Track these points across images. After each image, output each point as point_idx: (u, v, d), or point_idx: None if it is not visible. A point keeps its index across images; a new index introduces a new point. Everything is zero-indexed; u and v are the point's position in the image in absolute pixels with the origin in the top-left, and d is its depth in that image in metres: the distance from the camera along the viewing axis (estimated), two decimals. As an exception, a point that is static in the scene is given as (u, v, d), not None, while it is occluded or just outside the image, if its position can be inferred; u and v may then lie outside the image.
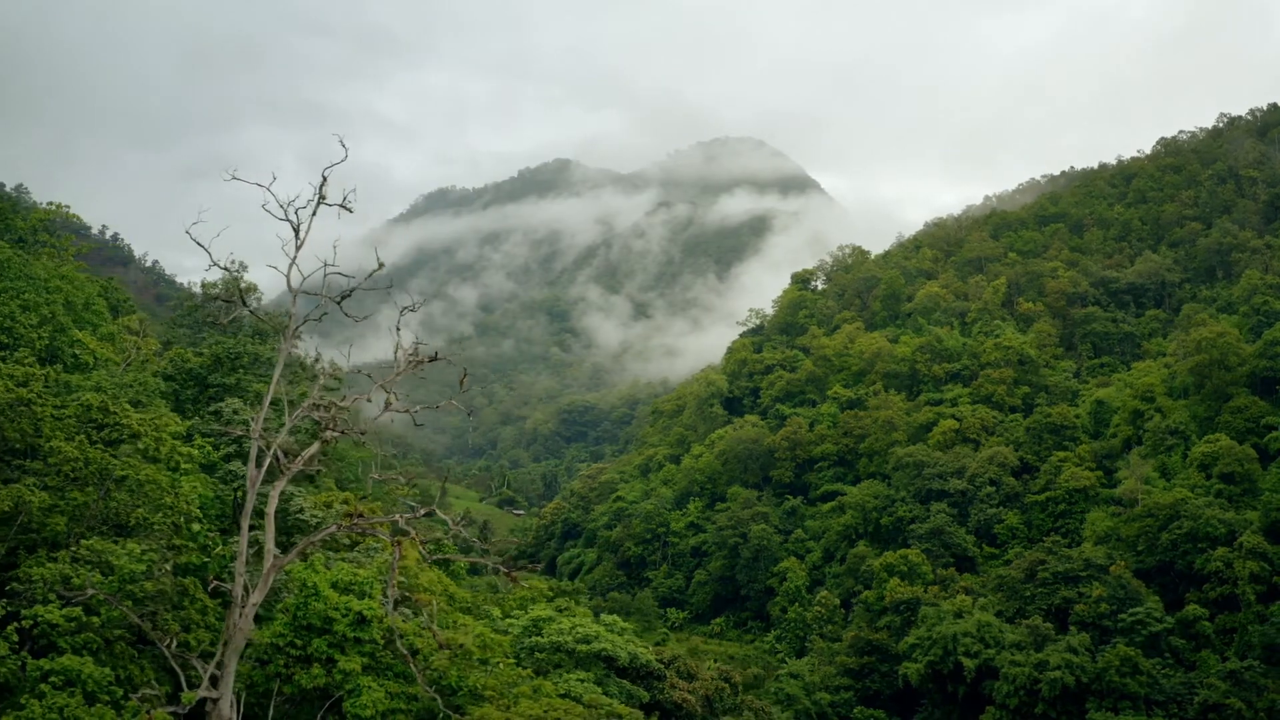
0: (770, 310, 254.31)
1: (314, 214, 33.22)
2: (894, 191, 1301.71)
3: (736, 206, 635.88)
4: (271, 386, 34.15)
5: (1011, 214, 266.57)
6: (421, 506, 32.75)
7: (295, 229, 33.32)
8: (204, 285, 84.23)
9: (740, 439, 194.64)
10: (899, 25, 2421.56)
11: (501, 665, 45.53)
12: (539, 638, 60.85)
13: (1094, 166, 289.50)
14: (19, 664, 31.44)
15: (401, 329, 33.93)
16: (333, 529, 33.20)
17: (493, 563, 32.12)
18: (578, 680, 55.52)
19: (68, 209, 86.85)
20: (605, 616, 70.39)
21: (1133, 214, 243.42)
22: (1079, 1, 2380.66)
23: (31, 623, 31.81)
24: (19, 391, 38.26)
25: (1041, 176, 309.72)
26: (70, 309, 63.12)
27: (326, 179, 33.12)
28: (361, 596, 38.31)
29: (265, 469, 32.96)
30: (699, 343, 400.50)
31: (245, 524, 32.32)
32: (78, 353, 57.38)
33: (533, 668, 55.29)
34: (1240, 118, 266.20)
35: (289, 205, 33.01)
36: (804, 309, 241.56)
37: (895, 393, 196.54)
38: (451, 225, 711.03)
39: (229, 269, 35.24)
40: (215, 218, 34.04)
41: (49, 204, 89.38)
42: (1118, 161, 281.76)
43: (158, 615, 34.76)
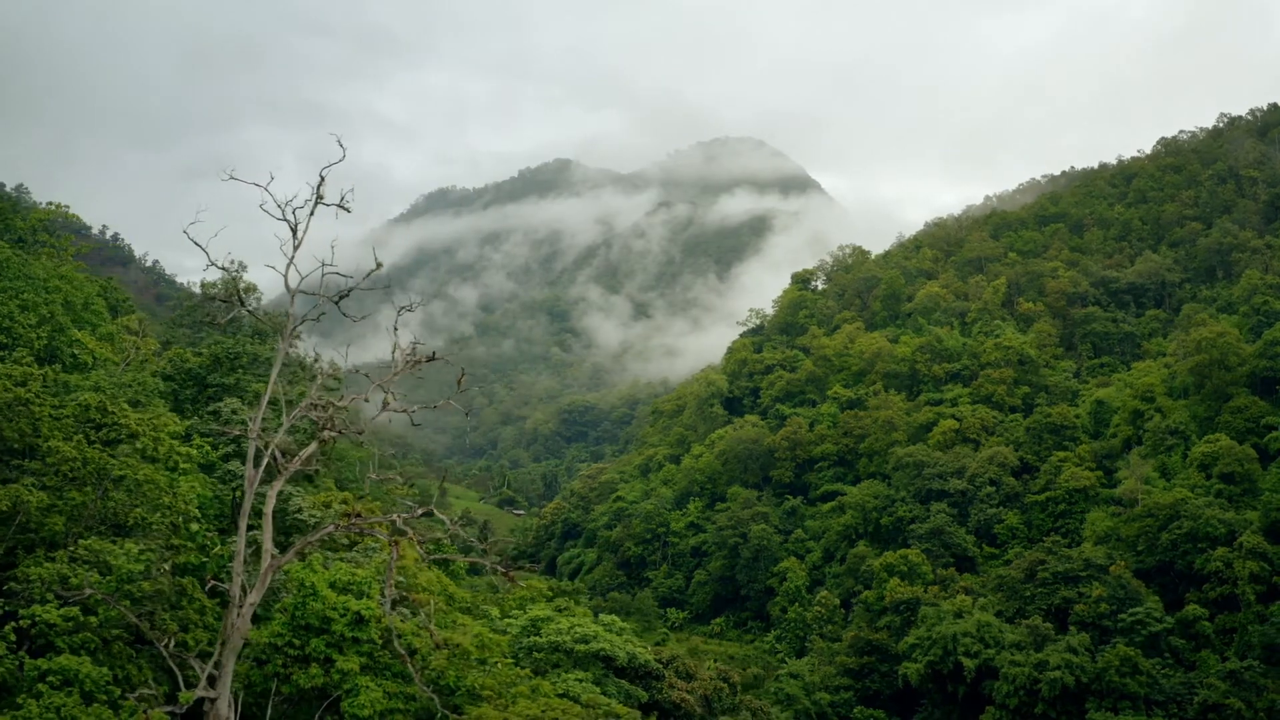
0: (770, 310, 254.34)
1: (311, 214, 33.18)
2: (894, 191, 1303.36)
3: (737, 206, 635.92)
4: (269, 386, 34.12)
5: (1011, 214, 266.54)
6: (419, 506, 32.71)
7: (293, 229, 33.26)
8: (203, 285, 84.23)
9: (740, 439, 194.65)
10: (899, 25, 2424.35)
11: (499, 665, 45.54)
12: (537, 637, 60.78)
13: (1094, 166, 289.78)
14: (17, 663, 31.45)
15: (400, 329, 33.88)
16: (330, 529, 33.16)
17: (491, 563, 32.08)
18: (576, 680, 55.48)
19: (67, 209, 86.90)
20: (604, 616, 70.34)
21: (1133, 214, 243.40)
22: (1079, 1, 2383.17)
23: (29, 622, 31.82)
24: (17, 391, 38.25)
25: (1042, 176, 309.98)
26: (69, 309, 63.13)
27: (324, 179, 33.08)
28: (360, 596, 38.28)
29: (263, 469, 32.95)
30: (699, 343, 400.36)
31: (243, 524, 32.29)
32: (76, 352, 57.40)
33: (531, 667, 55.25)
34: (1240, 118, 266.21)
35: (286, 205, 32.99)
36: (804, 309, 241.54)
37: (895, 393, 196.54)
38: (452, 225, 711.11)
39: (226, 269, 35.07)
40: (215, 218, 33.99)
41: (48, 204, 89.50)
42: (1118, 161, 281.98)
43: (155, 615, 34.76)
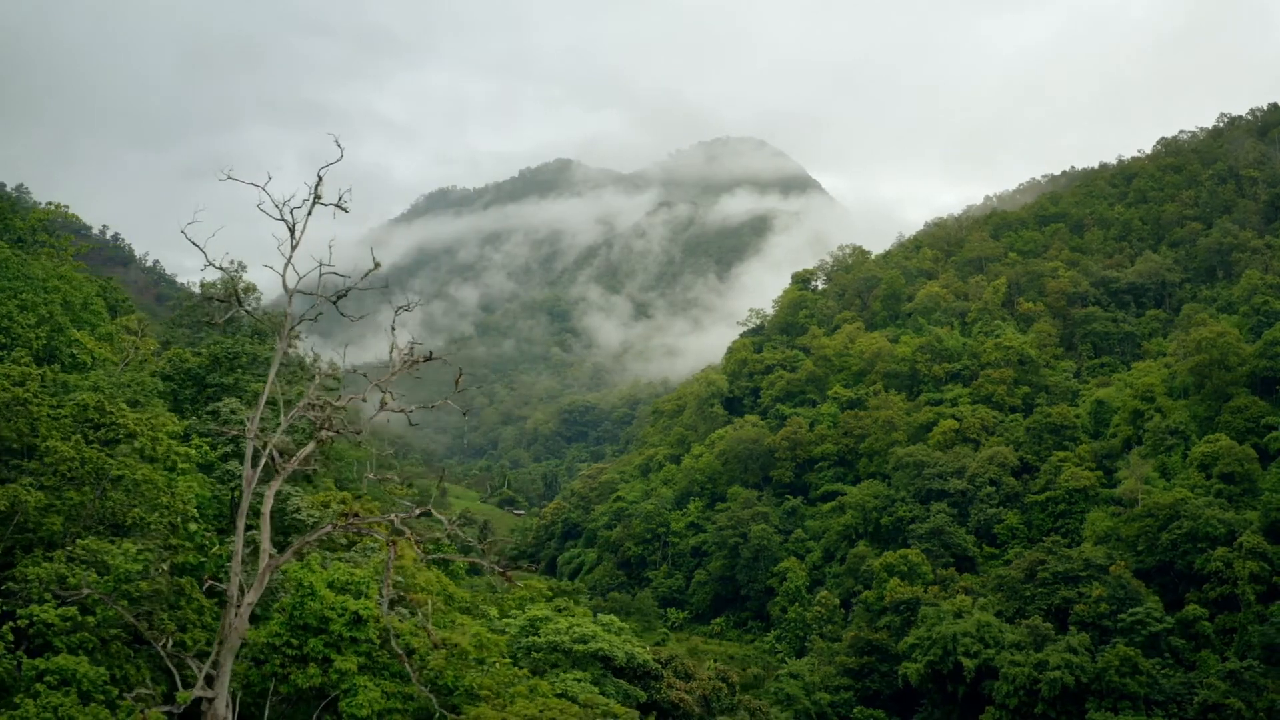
0: (771, 310, 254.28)
1: (309, 214, 33.22)
2: (894, 191, 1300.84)
3: (737, 206, 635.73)
4: (267, 386, 34.17)
5: (1012, 214, 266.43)
6: (417, 506, 32.73)
7: (291, 229, 33.31)
8: (202, 285, 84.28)
9: (740, 439, 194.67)
10: (899, 25, 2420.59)
11: (498, 665, 45.52)
12: (536, 637, 60.77)
13: (1094, 166, 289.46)
14: (14, 663, 31.50)
15: (399, 329, 33.92)
16: (328, 529, 33.19)
17: (488, 563, 32.09)
18: (574, 680, 55.46)
19: (66, 209, 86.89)
20: (603, 616, 70.31)
21: (1133, 214, 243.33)
22: (1079, 1, 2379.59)
23: (27, 622, 31.86)
24: (15, 391, 38.28)
25: (1042, 176, 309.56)
26: (68, 309, 63.15)
27: (322, 179, 33.11)
28: (358, 596, 38.26)
29: (262, 469, 32.97)
30: (700, 343, 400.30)
31: (241, 524, 32.33)
32: (75, 352, 57.41)
33: (529, 667, 55.24)
34: (1241, 118, 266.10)
35: (284, 205, 33.02)
36: (804, 309, 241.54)
37: (895, 393, 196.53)
38: (452, 225, 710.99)
39: (223, 269, 35.07)
40: (216, 218, 34.03)
41: (48, 204, 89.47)
42: (1118, 161, 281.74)
43: (154, 615, 34.79)
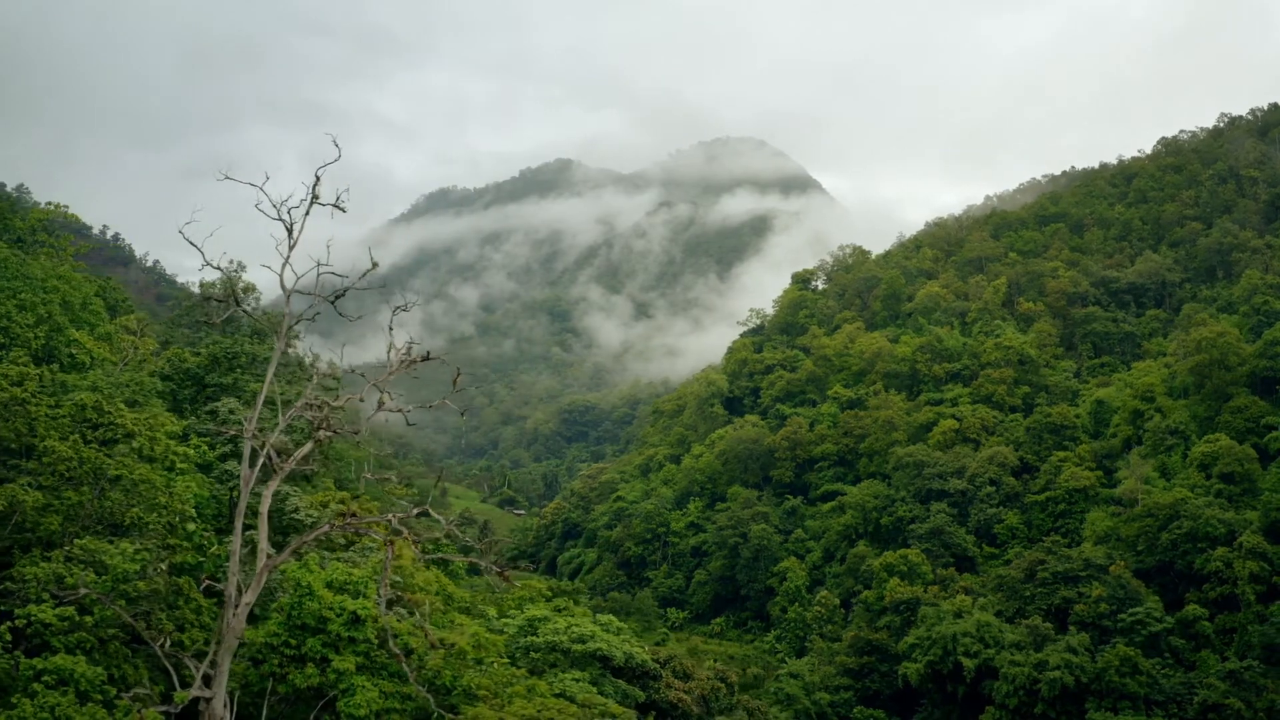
0: (771, 310, 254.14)
1: (307, 214, 33.26)
2: (895, 191, 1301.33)
3: (737, 206, 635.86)
4: (264, 386, 34.19)
5: (1012, 214, 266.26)
6: (415, 506, 32.74)
7: (288, 229, 33.35)
8: (201, 285, 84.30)
9: (740, 439, 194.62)
10: (899, 25, 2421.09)
11: (496, 665, 45.51)
12: (534, 637, 60.73)
13: (1094, 166, 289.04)
14: (12, 663, 31.50)
15: (396, 329, 33.94)
16: (325, 528, 33.20)
17: (485, 563, 32.10)
18: (573, 680, 55.42)
19: (66, 209, 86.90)
20: (601, 616, 70.23)
21: (1133, 214, 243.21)
22: (1079, 1, 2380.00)
23: (25, 622, 31.87)
24: (13, 391, 38.31)
25: (1042, 176, 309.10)
26: (67, 309, 63.15)
27: (319, 179, 33.16)
28: (356, 596, 38.27)
29: (259, 468, 32.99)
30: (700, 343, 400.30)
31: (239, 523, 32.36)
32: (74, 352, 57.43)
33: (528, 667, 55.23)
34: (1241, 117, 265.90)
35: (281, 205, 33.05)
36: (804, 309, 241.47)
37: (895, 393, 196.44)
38: (452, 225, 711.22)
39: (221, 269, 35.08)
40: (216, 218, 34.08)
41: (48, 204, 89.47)
42: (1118, 161, 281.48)
43: (151, 615, 34.78)
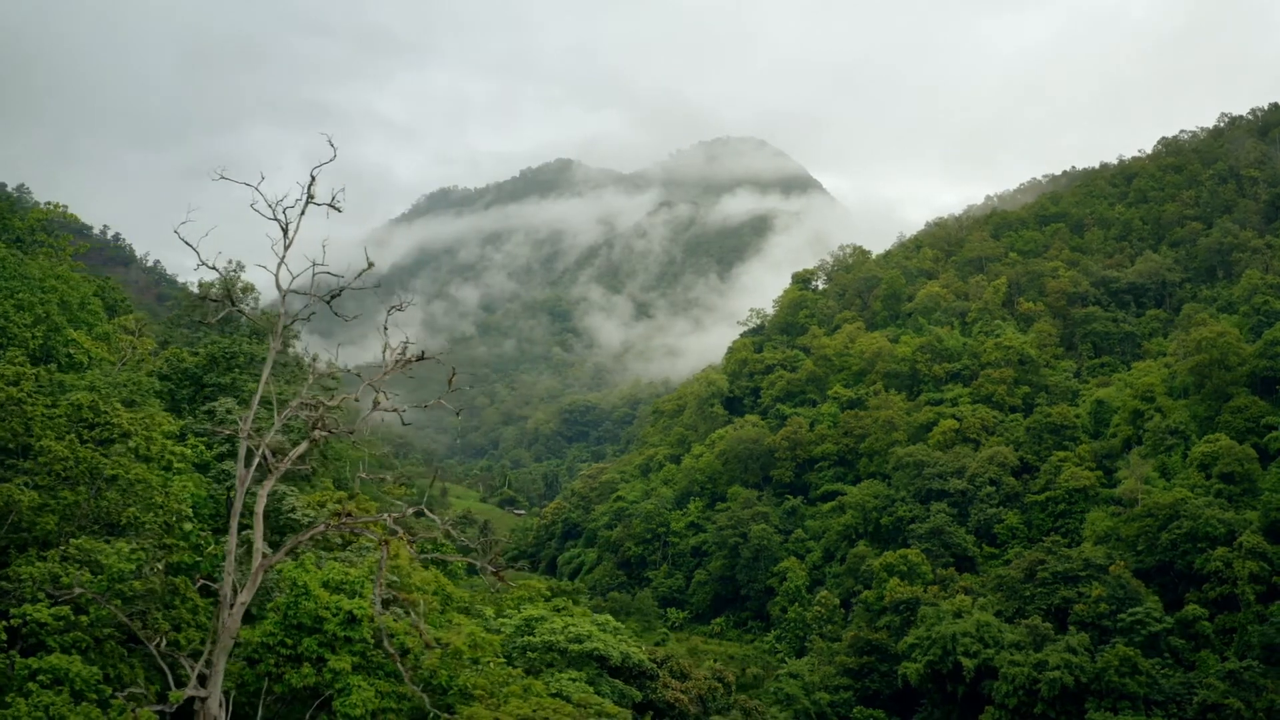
0: (771, 310, 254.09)
1: (302, 213, 33.22)
2: (895, 191, 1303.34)
3: (738, 206, 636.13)
4: (260, 385, 34.18)
5: (1012, 214, 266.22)
6: (410, 506, 32.71)
7: (284, 229, 33.34)
8: (200, 285, 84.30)
9: (741, 439, 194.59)
10: (899, 25, 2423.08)
11: (492, 665, 45.48)
12: (531, 637, 60.74)
13: (1095, 166, 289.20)
14: (7, 663, 31.47)
15: (395, 328, 33.95)
16: (321, 528, 33.18)
17: (481, 563, 32.09)
18: (569, 680, 55.39)
19: (65, 209, 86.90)
20: (598, 616, 70.26)
21: (1133, 214, 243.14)
22: (1079, 1, 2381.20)
23: (20, 621, 31.84)
24: (10, 390, 38.28)
25: (1042, 176, 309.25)
26: (65, 308, 63.15)
27: (315, 178, 33.15)
28: (352, 595, 38.24)
29: (256, 468, 32.97)
30: (700, 342, 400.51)
31: (234, 523, 32.33)
32: (72, 352, 57.43)
33: (525, 667, 55.22)
34: (1241, 117, 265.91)
35: (277, 205, 33.04)
36: (804, 309, 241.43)
37: (895, 393, 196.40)
38: (453, 225, 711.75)
39: (217, 269, 35.07)
40: (216, 218, 34.11)
41: (47, 204, 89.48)
42: (1118, 161, 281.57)
43: (148, 614, 34.75)
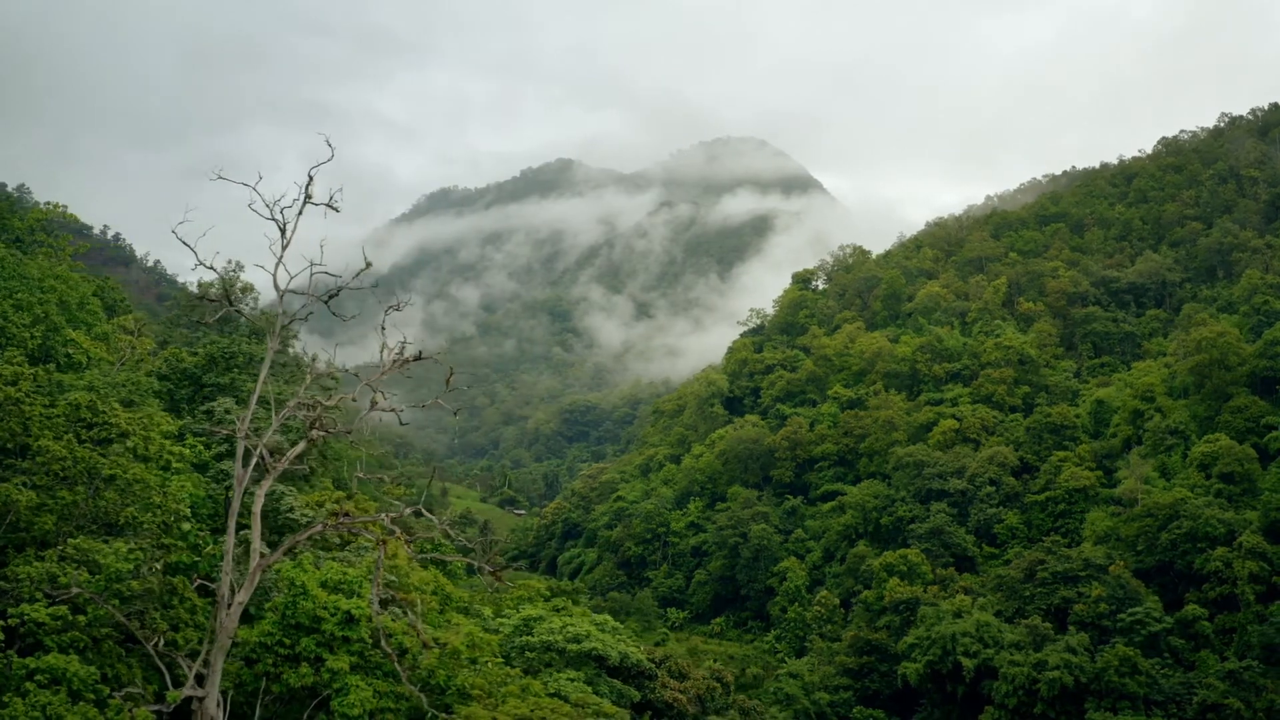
0: (771, 310, 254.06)
1: (300, 213, 33.23)
2: (895, 191, 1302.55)
3: (738, 206, 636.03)
4: (258, 385, 34.19)
5: (1012, 214, 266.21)
6: (407, 506, 32.73)
7: (281, 229, 33.36)
8: (200, 285, 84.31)
9: (741, 439, 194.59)
10: (899, 25, 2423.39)
11: (490, 664, 45.49)
12: (529, 637, 60.74)
13: (1095, 166, 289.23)
14: (5, 662, 31.47)
15: (397, 328, 33.98)
16: (319, 528, 33.20)
17: (478, 563, 32.10)
18: (568, 680, 55.37)
19: (64, 209, 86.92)
20: (597, 616, 70.26)
21: (1133, 214, 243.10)
22: (1079, 1, 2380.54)
23: (18, 621, 31.85)
24: (8, 390, 38.27)
25: (1042, 176, 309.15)
26: (64, 308, 63.15)
27: (312, 178, 33.17)
28: (350, 595, 38.25)
29: (254, 468, 32.98)
30: (701, 342, 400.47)
31: (232, 523, 32.36)
32: (71, 352, 57.43)
33: (523, 667, 55.20)
34: (1241, 117, 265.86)
35: (275, 205, 33.05)
36: (805, 309, 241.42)
37: (895, 393, 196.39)
38: (454, 225, 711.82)
39: (215, 269, 35.07)
40: (216, 218, 34.13)
41: (46, 204, 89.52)
42: (1119, 161, 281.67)
43: (145, 614, 34.75)
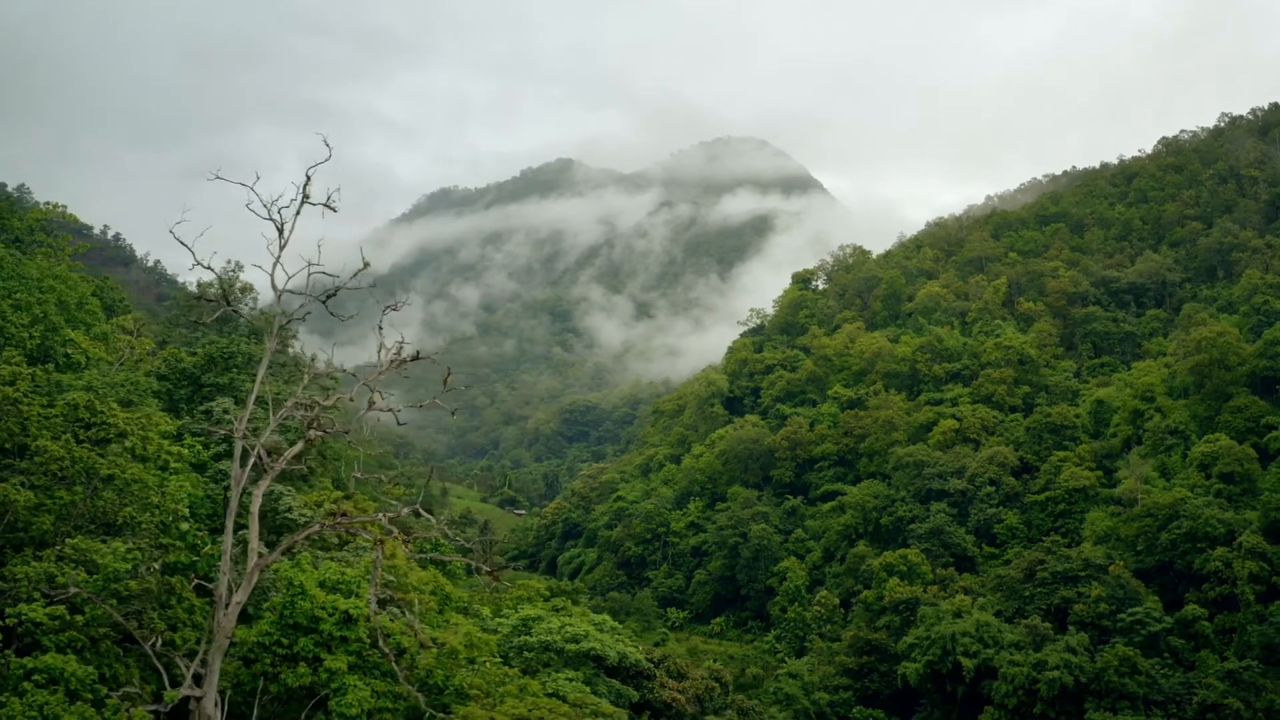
0: (771, 310, 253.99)
1: (297, 214, 33.24)
2: (895, 191, 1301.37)
3: (738, 206, 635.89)
4: (256, 385, 34.19)
5: (1012, 214, 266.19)
6: (405, 506, 32.74)
7: (279, 229, 33.37)
8: (199, 285, 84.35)
9: (741, 439, 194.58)
10: (899, 25, 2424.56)
11: (488, 664, 45.47)
12: (528, 637, 60.74)
13: (1095, 166, 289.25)
14: (2, 662, 31.48)
15: (395, 328, 34.00)
16: (316, 528, 33.22)
17: (475, 563, 32.10)
18: (566, 680, 55.36)
19: (64, 209, 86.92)
20: (595, 616, 70.25)
21: (1134, 213, 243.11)
22: (1079, 1, 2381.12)
23: (16, 621, 31.86)
24: (6, 390, 38.26)
25: (1043, 176, 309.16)
26: (63, 308, 63.14)
27: (310, 178, 33.20)
28: (348, 595, 38.23)
29: (252, 468, 32.99)
30: (701, 342, 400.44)
31: (230, 523, 32.38)
32: (70, 352, 57.43)
33: (521, 667, 55.16)
34: (1241, 117, 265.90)
35: (272, 205, 33.06)
36: (805, 309, 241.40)
37: (895, 392, 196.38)
38: (454, 225, 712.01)
39: (212, 269, 35.08)
40: (216, 218, 34.11)
41: (46, 204, 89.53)
42: (1119, 161, 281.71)
43: (144, 614, 34.75)
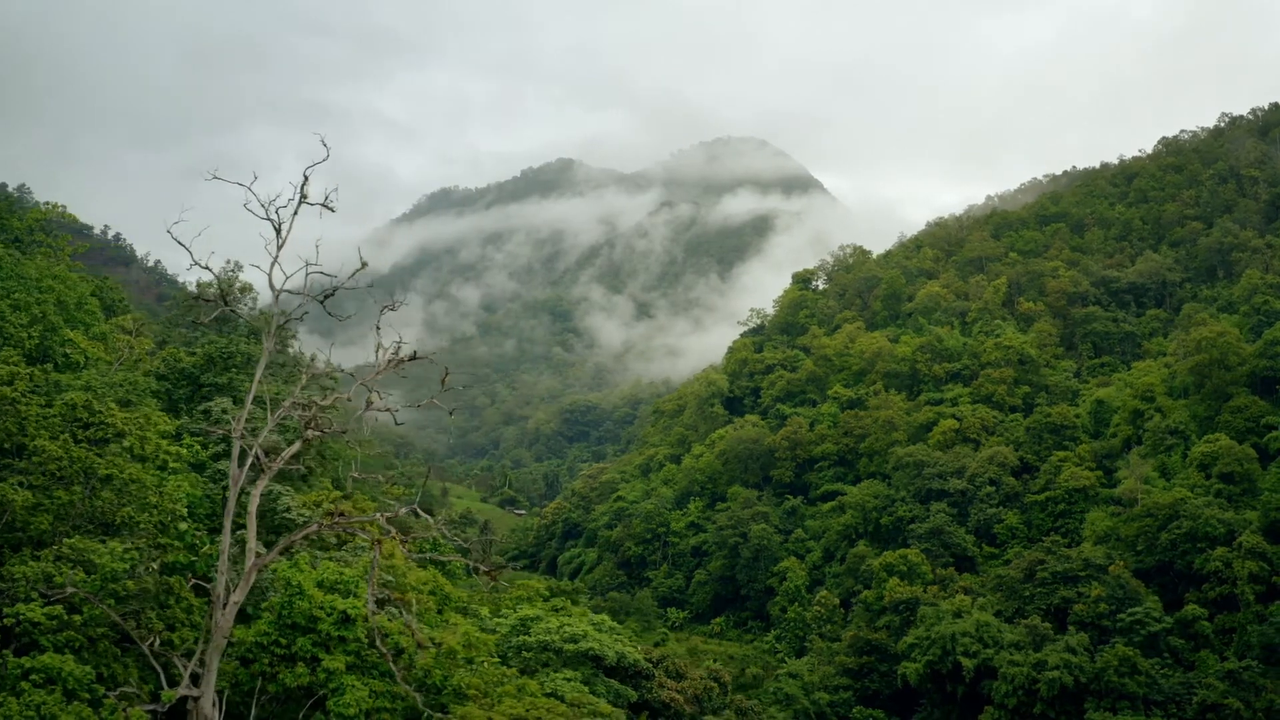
0: (771, 310, 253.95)
1: (295, 213, 33.26)
2: (896, 191, 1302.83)
3: (739, 206, 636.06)
4: (254, 385, 34.19)
5: (1012, 214, 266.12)
6: (402, 505, 32.75)
7: (277, 229, 33.39)
8: (198, 285, 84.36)
9: (741, 439, 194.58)
10: (900, 25, 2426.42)
11: (486, 664, 45.47)
12: (526, 637, 60.75)
13: (1095, 166, 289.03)
14: (0, 662, 31.50)
15: (392, 328, 34.02)
16: (314, 528, 33.23)
17: (472, 563, 32.12)
18: (564, 680, 55.36)
19: (63, 209, 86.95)
20: (594, 616, 70.27)
21: (1134, 213, 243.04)
22: (1079, 1, 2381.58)
23: (14, 621, 31.85)
24: (4, 390, 38.25)
25: (1043, 176, 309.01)
26: (62, 308, 63.14)
27: (308, 178, 33.22)
28: (347, 595, 38.25)
29: (250, 468, 33.00)
30: (701, 342, 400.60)
31: (228, 523, 32.39)
32: (69, 352, 57.43)
33: (520, 667, 55.17)
34: (1242, 117, 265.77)
35: (270, 205, 33.08)
36: (805, 309, 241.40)
37: (895, 392, 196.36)
38: (454, 225, 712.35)
39: (211, 269, 35.10)
40: (215, 218, 34.13)
41: (45, 204, 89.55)
42: (1119, 161, 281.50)
43: (141, 614, 34.74)
